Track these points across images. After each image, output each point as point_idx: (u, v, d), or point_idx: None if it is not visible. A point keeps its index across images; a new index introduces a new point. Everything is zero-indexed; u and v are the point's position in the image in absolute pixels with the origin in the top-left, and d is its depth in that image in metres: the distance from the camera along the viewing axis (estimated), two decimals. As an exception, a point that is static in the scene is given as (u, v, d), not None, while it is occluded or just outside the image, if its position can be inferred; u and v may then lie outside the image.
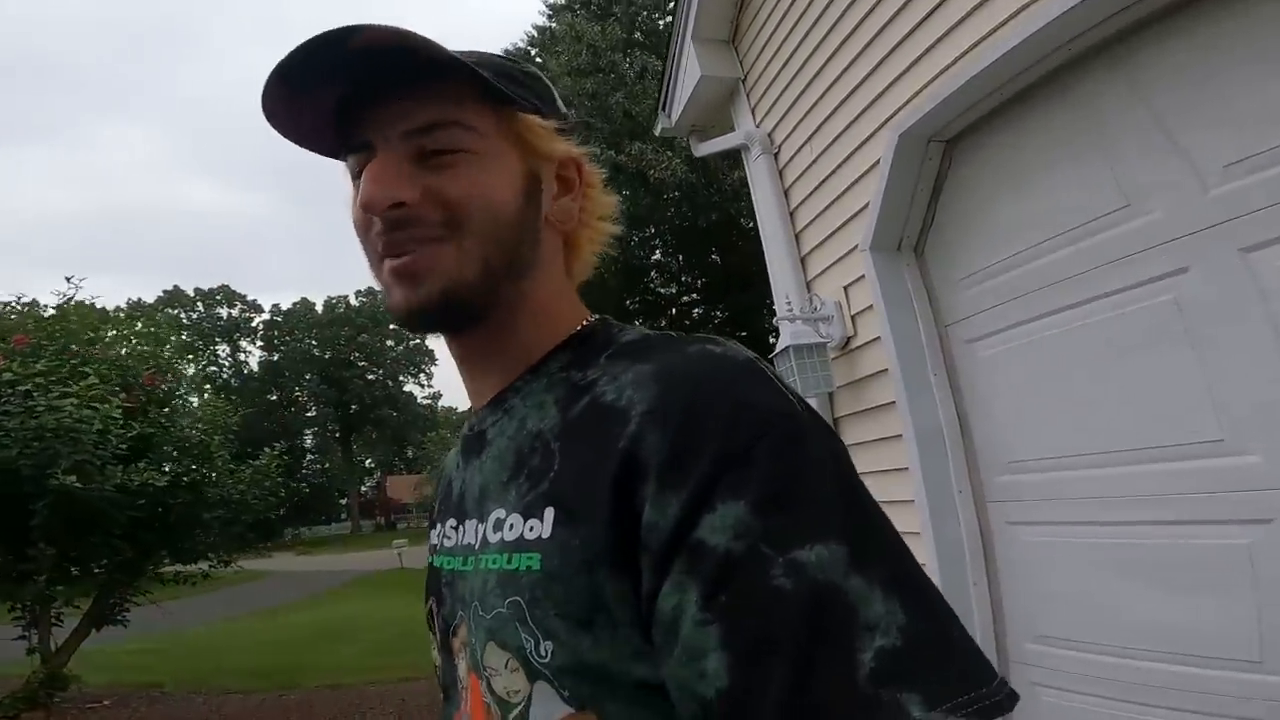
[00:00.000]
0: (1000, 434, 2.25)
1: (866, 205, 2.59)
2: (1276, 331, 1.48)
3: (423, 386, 55.09)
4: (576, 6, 16.45)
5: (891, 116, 2.42)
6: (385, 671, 6.89)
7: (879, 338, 2.57)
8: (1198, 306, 1.63)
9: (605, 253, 0.63)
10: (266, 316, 47.62)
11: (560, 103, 0.60)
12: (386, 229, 0.51)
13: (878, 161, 2.49)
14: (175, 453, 5.53)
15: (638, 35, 14.47)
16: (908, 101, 2.36)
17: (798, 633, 0.34)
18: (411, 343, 50.16)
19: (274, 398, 45.61)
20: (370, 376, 48.20)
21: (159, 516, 5.22)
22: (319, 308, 47.84)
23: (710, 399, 0.42)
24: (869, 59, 2.51)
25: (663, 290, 15.94)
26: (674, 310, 16.18)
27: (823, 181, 2.91)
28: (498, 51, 0.60)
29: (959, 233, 2.37)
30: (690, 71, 3.63)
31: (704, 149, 3.87)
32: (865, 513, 0.40)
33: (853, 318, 2.77)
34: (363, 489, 55.25)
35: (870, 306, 2.62)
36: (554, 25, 18.24)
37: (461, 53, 0.52)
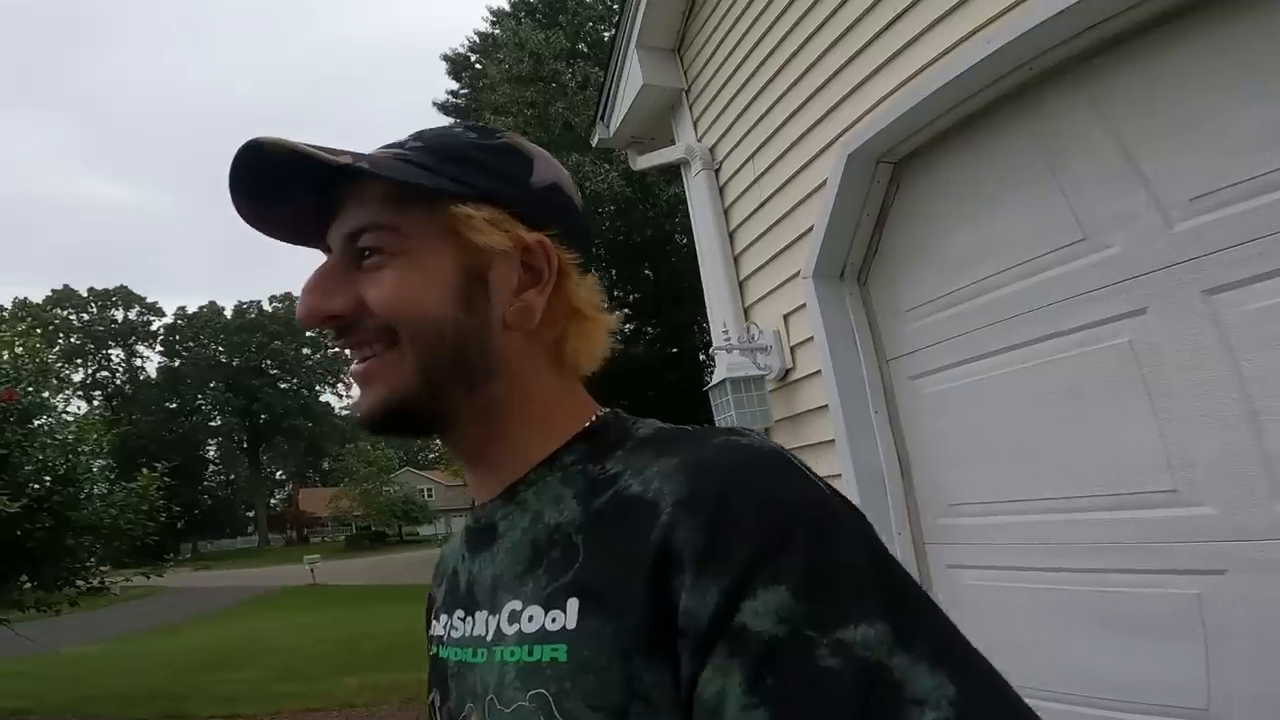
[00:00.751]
0: (942, 475, 2.13)
1: (810, 229, 2.46)
2: (1238, 380, 1.40)
3: (340, 397, 53.02)
4: (521, 14, 16.26)
5: (840, 135, 2.30)
6: (289, 701, 6.23)
7: (819, 371, 2.44)
8: (1155, 351, 1.54)
9: None
10: (169, 320, 44.76)
11: (544, 171, 0.55)
12: (336, 336, 0.53)
13: (823, 182, 2.37)
14: (34, 474, 4.88)
15: (582, 46, 14.39)
16: (858, 120, 2.24)
17: (848, 711, 0.35)
18: (330, 351, 48.17)
19: (173, 406, 42.75)
20: (283, 385, 46.09)
21: (16, 542, 4.60)
22: (228, 313, 45.32)
23: (743, 489, 0.42)
24: (819, 73, 2.39)
25: (594, 305, 15.70)
26: (604, 325, 15.96)
27: (765, 202, 2.77)
28: (461, 124, 0.58)
29: (904, 262, 2.27)
30: (632, 80, 3.46)
31: (643, 162, 3.70)
32: (903, 591, 0.40)
33: (792, 349, 2.63)
34: (272, 502, 52.62)
35: (811, 338, 2.48)
36: (497, 31, 17.97)
37: (394, 144, 0.54)
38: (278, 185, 0.50)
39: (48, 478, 4.89)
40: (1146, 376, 1.55)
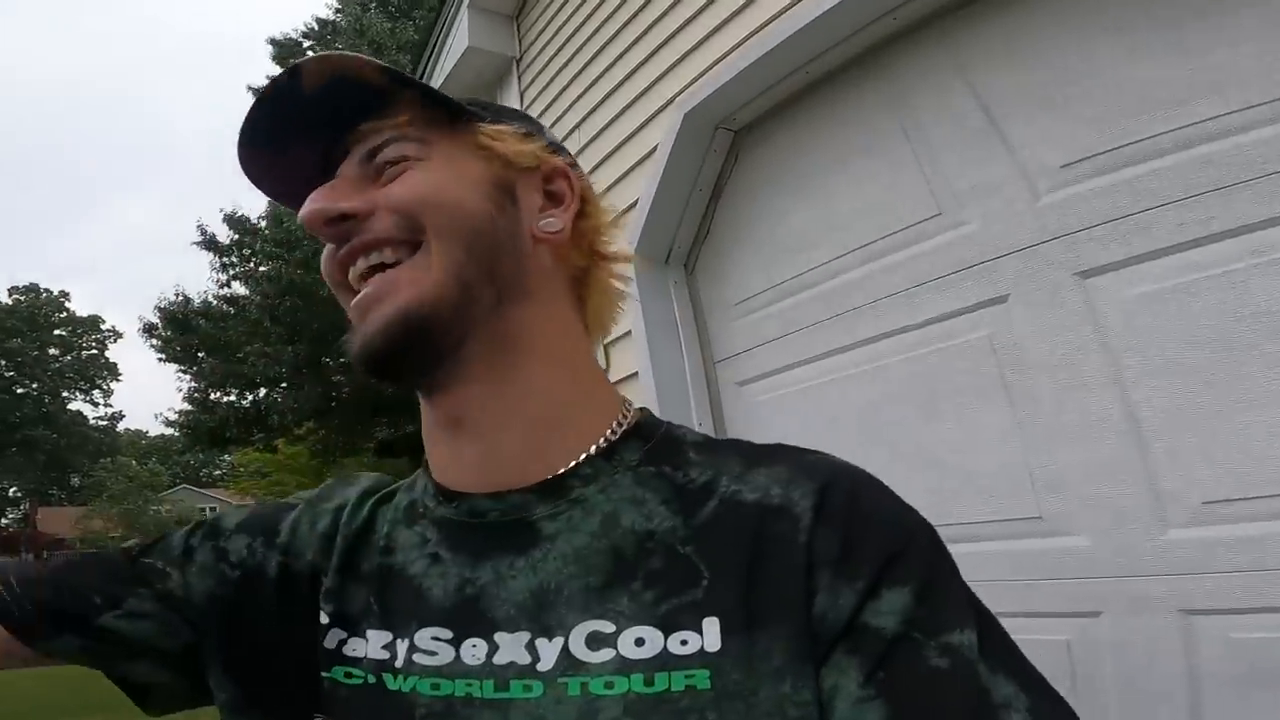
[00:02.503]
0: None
1: (634, 203, 2.09)
2: (1115, 382, 1.17)
3: (96, 405, 45.23)
4: (372, 4, 15.23)
5: (675, 97, 1.96)
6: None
7: (636, 373, 2.04)
8: (1017, 346, 1.29)
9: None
10: None
11: (548, 133, 0.55)
12: (342, 253, 0.47)
13: (654, 149, 2.01)
14: None
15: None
16: (694, 80, 1.91)
17: (956, 709, 0.37)
18: (84, 354, 41.44)
19: None
20: (19, 390, 38.51)
21: None
22: (-47, 305, 37.39)
23: (870, 500, 0.43)
24: (662, 29, 2.03)
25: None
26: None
27: (589, 172, 2.36)
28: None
29: (736, 245, 1.95)
30: (457, 41, 2.96)
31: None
32: (984, 607, 0.42)
33: (606, 347, 2.21)
34: (3, 521, 43.92)
35: (628, 333, 2.09)
36: (338, 19, 16.83)
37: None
38: (296, 126, 0.48)
39: None
40: (1007, 378, 1.30)
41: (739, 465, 0.46)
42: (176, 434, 18.97)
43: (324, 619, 0.48)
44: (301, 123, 0.48)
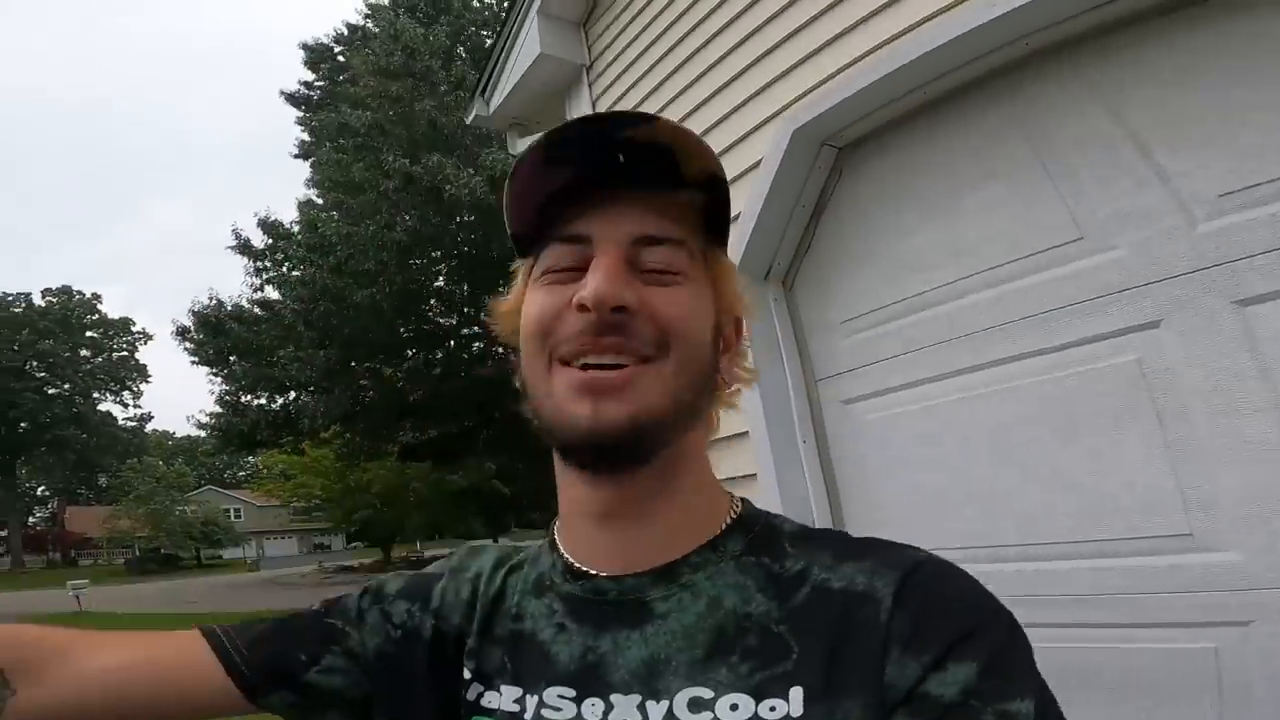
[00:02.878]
0: (885, 518, 1.80)
1: (736, 216, 2.10)
2: (1276, 406, 1.17)
3: (125, 406, 45.93)
4: (400, 9, 15.42)
5: (780, 111, 1.97)
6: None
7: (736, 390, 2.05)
8: (1169, 371, 1.30)
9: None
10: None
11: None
12: (596, 331, 0.49)
13: (755, 164, 2.02)
14: None
15: (461, 50, 13.67)
16: (800, 96, 1.93)
17: None
18: (115, 355, 41.99)
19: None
20: (51, 390, 39.11)
21: None
22: (-12, 305, 38.00)
23: (950, 587, 0.47)
24: (760, 42, 2.04)
25: (442, 320, 14.74)
26: (452, 343, 15.00)
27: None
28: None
29: (841, 265, 1.96)
30: (527, 48, 2.97)
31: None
32: (1046, 685, 0.44)
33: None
34: (31, 520, 44.58)
35: (726, 346, 2.10)
36: (369, 24, 17.05)
37: None
38: (583, 153, 0.50)
39: None
40: (1158, 401, 1.30)
41: (830, 557, 0.50)
42: (206, 435, 19.21)
43: (466, 674, 0.55)
44: (594, 155, 0.50)
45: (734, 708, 0.46)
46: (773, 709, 0.45)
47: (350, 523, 29.39)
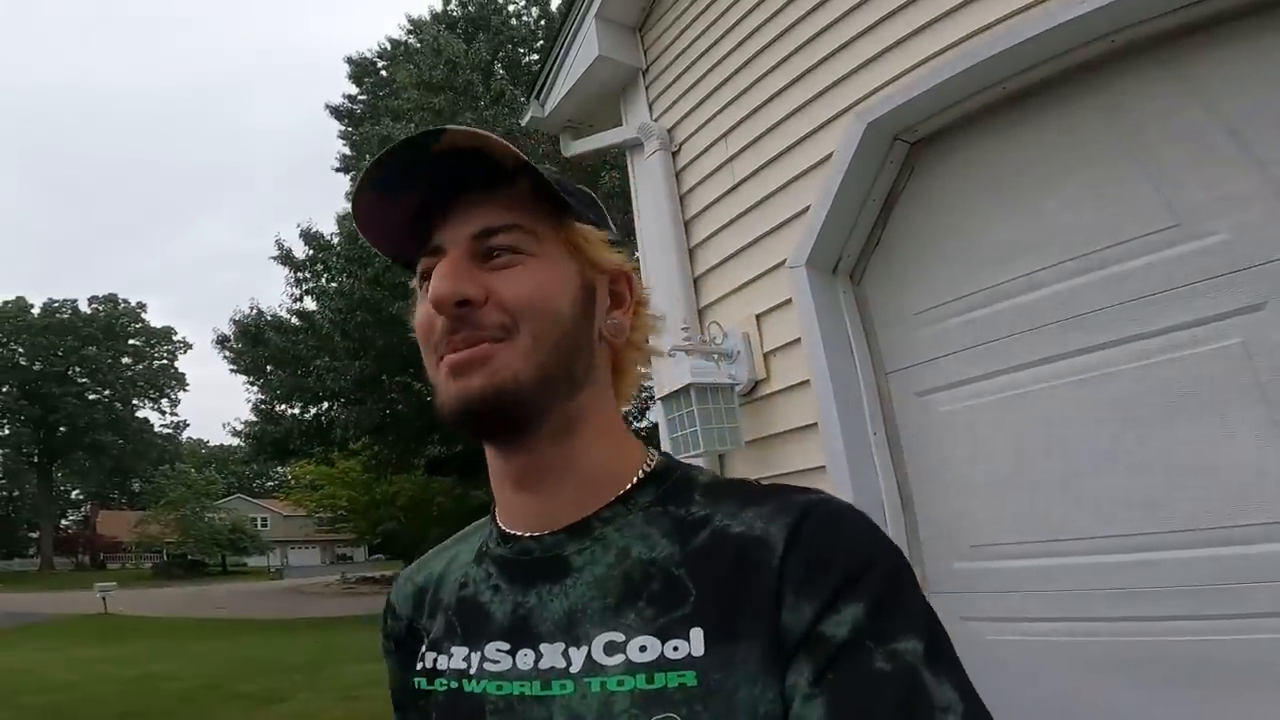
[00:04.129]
0: (959, 510, 1.77)
1: (794, 216, 2.10)
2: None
3: (163, 414, 46.96)
4: (442, 25, 15.85)
5: (852, 106, 1.98)
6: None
7: (803, 382, 2.04)
8: (1276, 351, 1.27)
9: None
10: (-40, 313, 38.18)
11: (611, 223, 0.63)
12: (450, 329, 0.53)
13: (825, 157, 2.03)
14: None
15: (498, 66, 13.98)
16: (873, 92, 1.93)
17: (892, 706, 0.42)
18: (155, 363, 43.00)
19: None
20: (91, 396, 40.12)
21: None
22: (36, 310, 39.19)
23: (841, 530, 0.50)
24: (832, 39, 2.06)
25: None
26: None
27: (738, 185, 2.39)
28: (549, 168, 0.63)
29: (912, 257, 1.95)
30: (585, 51, 3.03)
31: (580, 146, 3.27)
32: (937, 623, 0.47)
33: (766, 356, 2.22)
34: (64, 523, 45.45)
35: (792, 342, 2.09)
36: (411, 40, 17.51)
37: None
38: (411, 179, 0.54)
39: None
40: (1265, 384, 1.27)
41: (735, 505, 0.53)
42: (241, 444, 19.49)
43: (424, 649, 0.61)
44: (420, 176, 0.54)
45: (643, 649, 0.49)
46: (676, 649, 0.48)
47: (374, 535, 29.58)
